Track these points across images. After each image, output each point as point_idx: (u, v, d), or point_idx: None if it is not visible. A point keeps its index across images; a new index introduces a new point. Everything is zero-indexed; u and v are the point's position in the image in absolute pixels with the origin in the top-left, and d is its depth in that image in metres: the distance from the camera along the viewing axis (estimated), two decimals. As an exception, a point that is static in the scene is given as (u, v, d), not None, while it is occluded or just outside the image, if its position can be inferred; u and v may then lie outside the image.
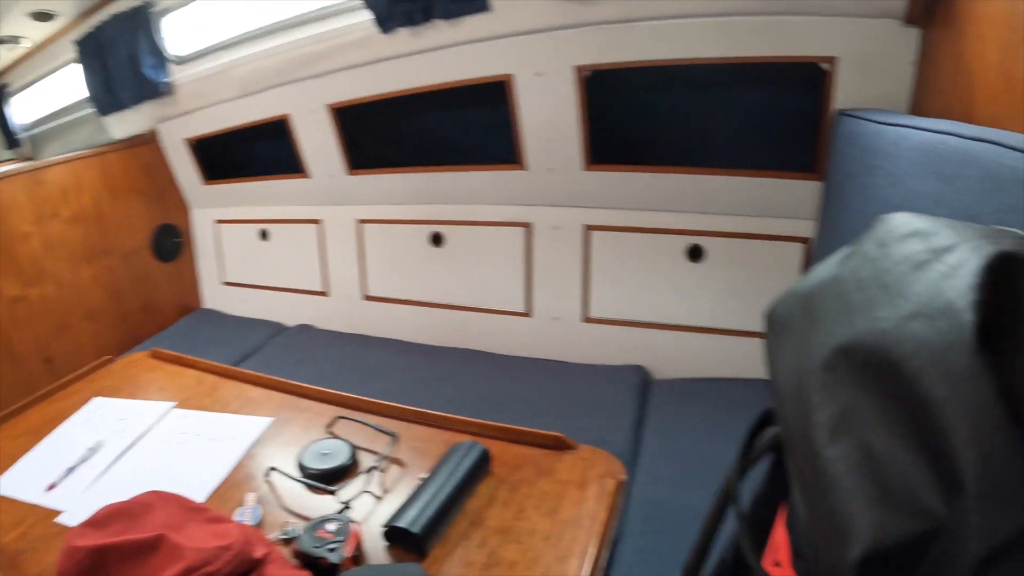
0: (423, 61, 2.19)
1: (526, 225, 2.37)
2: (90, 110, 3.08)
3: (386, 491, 1.03)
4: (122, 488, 0.98)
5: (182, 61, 2.73)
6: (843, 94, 1.76)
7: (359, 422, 1.17)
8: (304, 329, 2.89)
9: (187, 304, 3.38)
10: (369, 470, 1.05)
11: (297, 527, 0.91)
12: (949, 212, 0.92)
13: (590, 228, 2.26)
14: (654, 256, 2.18)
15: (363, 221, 2.72)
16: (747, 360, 1.95)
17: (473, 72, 2.14)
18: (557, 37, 1.95)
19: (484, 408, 1.90)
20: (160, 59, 2.72)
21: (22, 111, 3.78)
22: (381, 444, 1.12)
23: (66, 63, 3.10)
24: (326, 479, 1.03)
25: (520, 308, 2.43)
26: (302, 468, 1.06)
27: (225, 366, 1.49)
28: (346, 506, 0.97)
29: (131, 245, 3.08)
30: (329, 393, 1.29)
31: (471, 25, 2.00)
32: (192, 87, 2.74)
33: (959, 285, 0.38)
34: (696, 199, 2.09)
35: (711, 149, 2.11)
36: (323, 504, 0.99)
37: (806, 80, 1.81)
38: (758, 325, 1.72)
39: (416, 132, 2.59)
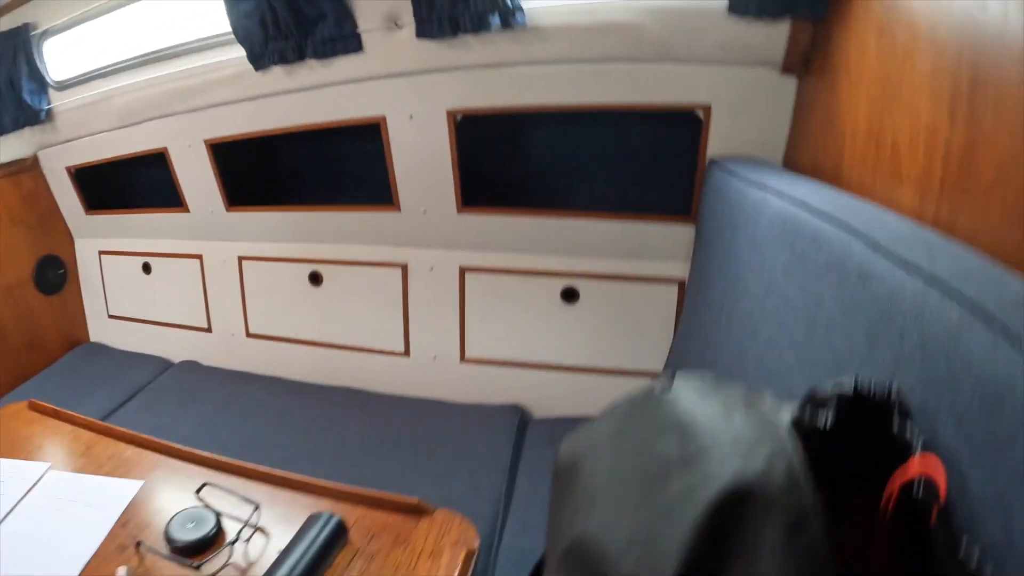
0: (297, 100, 2.18)
1: (402, 266, 2.37)
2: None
3: (249, 563, 1.01)
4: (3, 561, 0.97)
5: (63, 87, 2.64)
6: (717, 142, 1.80)
7: (224, 489, 1.15)
8: (189, 366, 2.79)
9: (75, 338, 3.21)
10: (232, 542, 1.03)
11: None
12: (799, 287, 0.95)
13: (465, 269, 2.28)
14: (529, 297, 2.21)
15: (243, 258, 2.66)
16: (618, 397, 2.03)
17: (347, 113, 2.15)
18: (429, 80, 1.99)
19: (363, 451, 1.97)
20: (41, 84, 2.64)
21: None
22: (247, 511, 1.10)
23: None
24: (192, 550, 1.01)
25: (399, 348, 2.43)
26: (168, 539, 1.03)
27: (99, 423, 1.46)
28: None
29: (12, 279, 2.89)
30: (198, 455, 1.28)
31: (344, 66, 2.02)
32: (72, 115, 2.65)
33: (678, 529, 0.39)
34: (570, 242, 2.13)
35: (587, 193, 2.19)
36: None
37: (684, 125, 1.88)
38: (633, 364, 2.09)
39: (294, 170, 2.59)
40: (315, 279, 2.54)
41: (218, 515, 1.08)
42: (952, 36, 0.96)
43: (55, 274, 3.12)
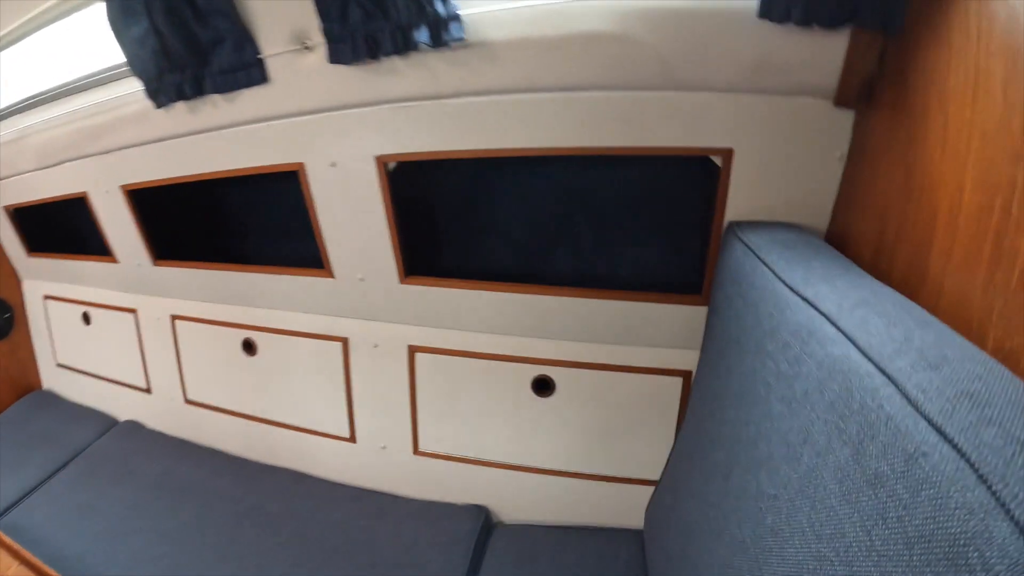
0: (207, 142, 1.82)
1: (342, 340, 1.99)
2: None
3: None
4: None
5: (-14, 122, 2.38)
6: (740, 199, 1.36)
7: None
8: (132, 427, 2.57)
9: (25, 383, 3.00)
10: None
11: None
12: (843, 490, 0.64)
13: (414, 348, 1.88)
14: (493, 386, 1.80)
15: (176, 317, 2.35)
16: (607, 507, 1.72)
17: (260, 158, 1.77)
18: (351, 118, 1.58)
19: (295, 555, 1.74)
20: (-37, 119, 2.39)
21: None
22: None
23: None
24: None
25: (343, 433, 2.05)
26: None
27: None
28: None
29: (-49, 324, 2.71)
30: None
31: (251, 101, 1.64)
32: (-2, 153, 2.40)
33: None
34: (542, 323, 1.70)
35: (567, 260, 1.74)
36: None
37: (697, 172, 1.41)
38: (621, 468, 1.70)
39: (221, 223, 2.24)
40: (248, 347, 2.19)
41: None
42: None
43: (1, 318, 2.89)
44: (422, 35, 1.32)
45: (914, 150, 0.99)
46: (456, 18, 1.31)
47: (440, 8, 1.29)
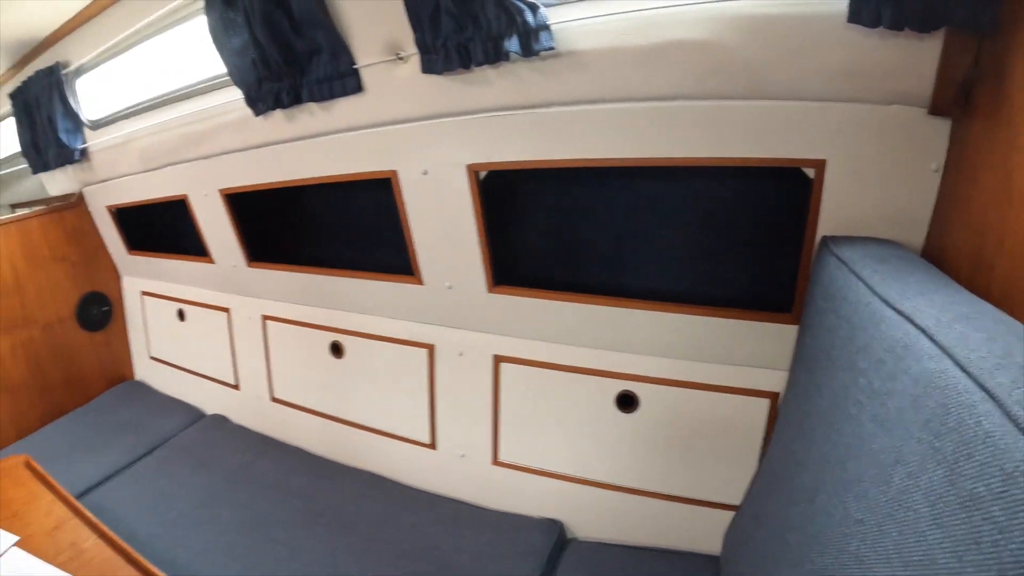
0: (303, 149, 1.94)
1: (428, 347, 2.07)
2: (31, 164, 3.05)
3: None
4: None
5: (96, 126, 2.61)
6: (833, 212, 1.34)
7: None
8: (217, 421, 2.74)
9: (119, 374, 3.27)
10: None
11: None
12: (936, 517, 0.62)
13: (499, 358, 1.93)
14: (576, 400, 1.83)
15: (267, 317, 2.51)
16: (684, 530, 1.69)
17: (354, 165, 1.87)
18: (443, 127, 1.65)
19: (367, 555, 1.79)
20: (76, 123, 2.62)
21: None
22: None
23: (7, 114, 3.09)
24: None
25: (424, 439, 2.13)
26: None
27: (75, 502, 1.54)
28: None
29: (54, 315, 2.98)
30: (149, 570, 1.30)
31: (346, 109, 1.74)
32: (104, 155, 2.62)
33: None
34: (630, 337, 1.72)
35: (654, 274, 1.75)
36: None
37: (788, 184, 1.40)
38: (702, 491, 1.69)
39: (312, 227, 2.37)
40: (336, 350, 2.32)
41: None
42: None
43: (99, 311, 3.16)
44: (512, 45, 1.37)
45: (1015, 158, 0.97)
46: (546, 28, 1.35)
47: (530, 18, 1.34)
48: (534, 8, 1.33)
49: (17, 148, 3.22)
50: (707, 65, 1.28)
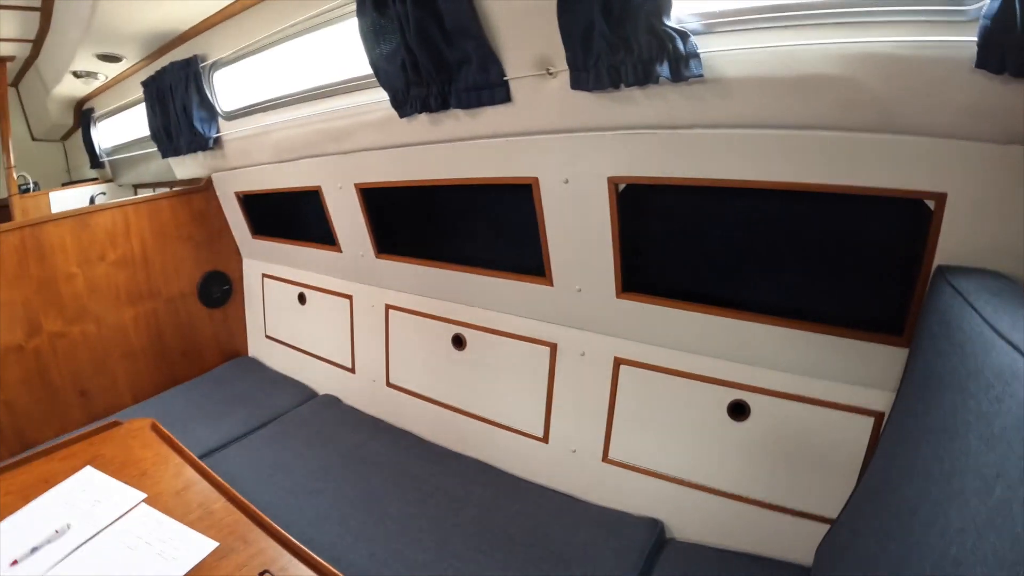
0: (444, 152, 2.10)
1: (551, 345, 2.22)
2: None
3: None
4: None
5: (230, 117, 2.85)
6: (951, 244, 1.42)
7: None
8: (330, 401, 2.97)
9: (233, 349, 3.58)
10: None
11: None
12: None
13: (620, 361, 2.07)
14: (690, 405, 1.95)
15: (390, 306, 2.72)
16: (779, 539, 1.79)
17: (495, 170, 2.03)
18: (587, 140, 1.78)
19: (472, 540, 1.92)
20: (211, 113, 2.87)
21: (106, 136, 4.21)
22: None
23: (138, 100, 3.38)
24: None
25: (538, 432, 2.29)
26: None
27: (203, 465, 1.62)
28: None
29: (176, 290, 3.28)
30: (279, 532, 1.37)
31: (492, 117, 1.89)
32: (237, 144, 2.87)
33: None
34: (746, 348, 1.83)
35: (774, 289, 1.84)
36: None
37: (909, 213, 1.49)
38: (800, 502, 1.78)
39: (443, 225, 2.53)
40: (458, 342, 2.50)
41: None
42: None
43: (220, 290, 3.46)
44: (663, 70, 1.48)
45: None
46: (696, 56, 1.46)
47: (680, 46, 1.44)
48: (684, 36, 1.44)
49: (143, 132, 3.53)
50: (841, 99, 1.38)
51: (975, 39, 1.14)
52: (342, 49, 2.21)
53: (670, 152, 1.68)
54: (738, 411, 1.87)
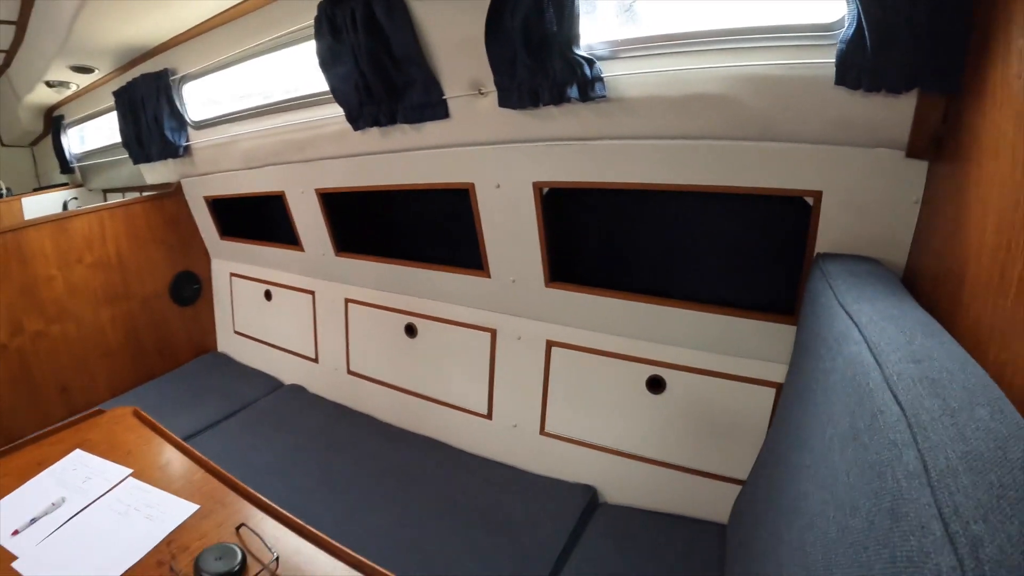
0: (393, 161, 2.39)
1: (491, 331, 2.51)
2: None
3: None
4: (67, 547, 1.33)
5: (199, 127, 3.10)
6: (829, 234, 1.68)
7: (258, 534, 1.36)
8: (296, 390, 3.23)
9: (203, 345, 3.82)
10: None
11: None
12: (846, 474, 0.83)
13: (551, 343, 2.35)
14: (613, 381, 2.23)
15: (350, 300, 3.00)
16: (698, 500, 2.03)
17: (437, 177, 2.32)
18: (515, 151, 2.07)
19: (426, 508, 2.16)
20: (181, 122, 3.12)
21: (75, 142, 4.43)
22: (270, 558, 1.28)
23: (108, 109, 3.61)
24: None
25: (482, 410, 2.57)
26: (196, 567, 1.25)
27: (184, 443, 1.76)
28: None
29: (150, 290, 3.52)
30: (253, 495, 1.51)
31: (434, 131, 2.18)
32: (206, 152, 3.13)
33: None
34: (660, 329, 2.10)
35: (685, 278, 2.14)
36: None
37: (797, 210, 1.74)
38: (715, 466, 2.03)
39: (396, 225, 2.85)
40: (411, 331, 2.78)
41: (244, 556, 1.27)
42: None
43: (190, 289, 3.70)
44: (573, 91, 1.78)
45: (960, 195, 1.21)
46: (600, 79, 1.76)
47: (587, 71, 1.74)
48: (591, 63, 1.73)
49: (114, 139, 3.75)
50: (725, 113, 1.66)
51: (834, 60, 1.36)
52: (304, 66, 2.48)
53: (584, 160, 1.98)
54: (655, 385, 2.15)
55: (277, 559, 1.27)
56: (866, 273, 1.42)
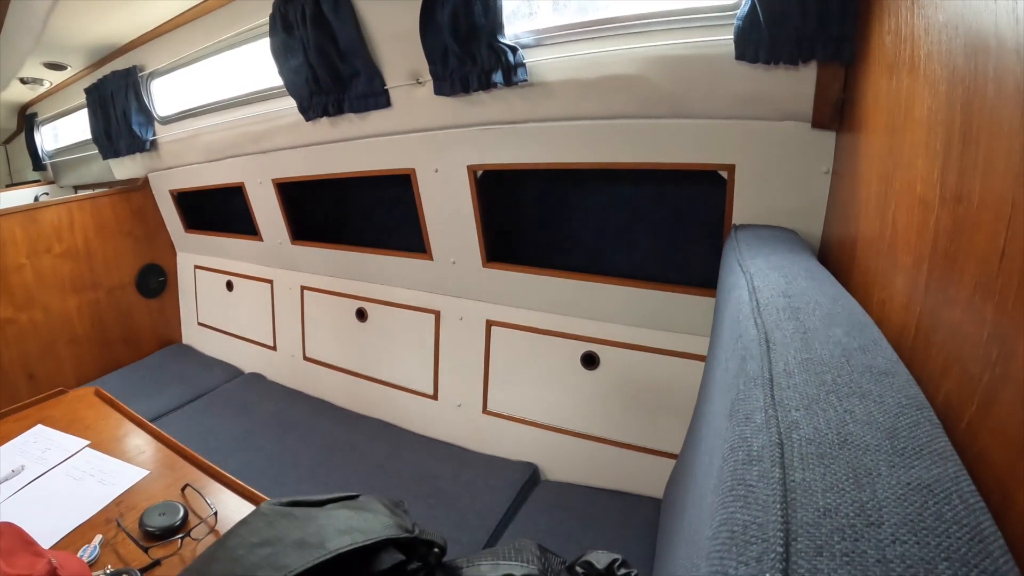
0: (341, 149, 2.55)
1: (435, 312, 2.65)
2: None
3: (193, 555, 1.24)
4: (23, 508, 1.41)
5: (165, 122, 3.27)
6: (746, 207, 1.74)
7: (201, 493, 1.45)
8: (255, 378, 3.36)
9: (168, 337, 3.95)
10: (183, 536, 1.29)
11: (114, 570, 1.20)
12: (722, 418, 0.80)
13: (491, 323, 2.49)
14: (550, 358, 2.33)
15: (305, 288, 3.15)
16: (636, 475, 2.09)
17: (382, 164, 2.47)
18: (450, 136, 2.23)
19: (368, 481, 2.26)
20: (148, 117, 3.28)
21: (48, 139, 4.58)
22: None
23: (80, 106, 3.76)
24: (158, 536, 1.29)
25: (428, 391, 2.70)
26: (141, 523, 1.31)
27: (140, 417, 1.86)
28: (156, 563, 1.22)
29: (117, 281, 3.66)
30: (200, 460, 1.61)
31: (378, 120, 2.34)
32: (171, 146, 3.29)
33: None
34: (592, 306, 2.19)
35: (617, 255, 2.27)
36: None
37: (714, 188, 1.81)
38: (651, 441, 2.11)
39: (347, 213, 3.02)
40: (361, 315, 2.93)
41: (186, 512, 1.34)
42: (946, 67, 0.82)
43: (156, 281, 3.85)
44: (498, 77, 1.94)
45: (856, 158, 1.26)
46: (522, 65, 1.92)
47: (511, 58, 1.91)
48: (514, 50, 1.90)
49: (84, 136, 3.91)
50: (638, 93, 1.76)
51: (732, 37, 1.46)
52: (259, 62, 2.65)
53: (513, 143, 2.13)
54: (590, 361, 2.25)
55: (215, 513, 1.37)
56: (773, 238, 1.47)
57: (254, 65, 2.74)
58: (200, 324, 3.84)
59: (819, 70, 1.46)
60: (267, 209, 3.09)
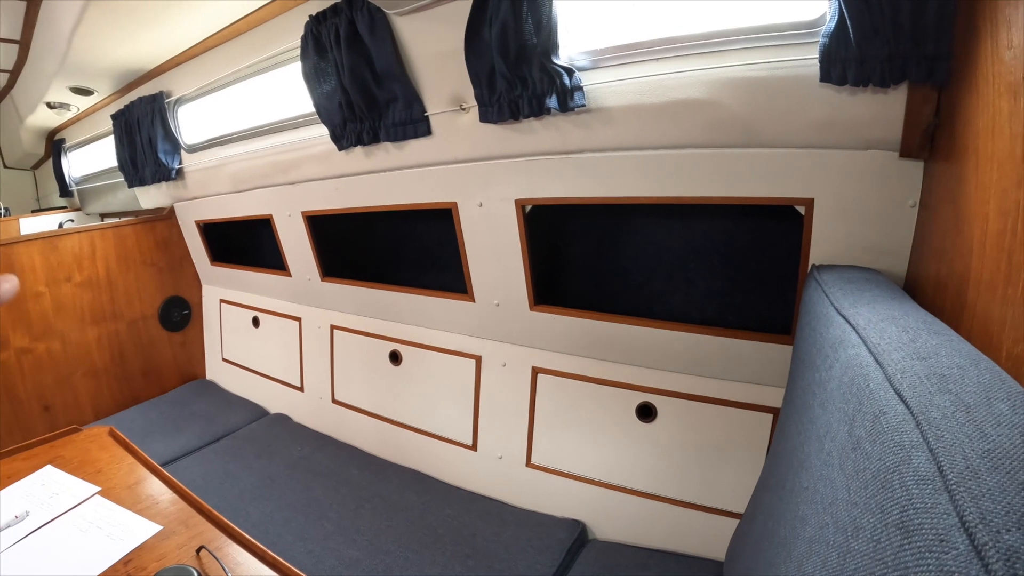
0: (377, 181, 2.40)
1: (476, 358, 2.48)
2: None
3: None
4: (24, 559, 1.33)
5: (192, 150, 3.17)
6: (824, 244, 1.61)
7: (218, 558, 1.35)
8: (280, 419, 3.22)
9: (191, 372, 3.83)
10: None
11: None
12: (846, 489, 0.74)
13: (537, 370, 2.32)
14: (601, 409, 2.18)
15: (335, 327, 3.00)
16: (694, 535, 1.95)
17: (421, 196, 2.32)
18: (496, 167, 2.07)
19: (403, 539, 2.12)
20: (174, 145, 3.18)
21: (76, 166, 4.53)
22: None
23: (107, 132, 3.69)
24: None
25: (467, 441, 2.53)
26: None
27: (154, 463, 1.76)
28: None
29: (139, 313, 3.55)
30: (218, 518, 1.52)
31: (417, 149, 2.19)
32: (197, 175, 3.18)
33: None
34: (650, 353, 2.05)
35: (676, 298, 2.10)
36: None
37: (786, 223, 1.70)
38: (711, 499, 1.93)
39: (380, 249, 2.86)
40: (395, 358, 2.77)
41: None
42: None
43: (179, 314, 3.73)
44: (552, 102, 1.78)
45: (958, 189, 1.14)
46: (580, 88, 1.76)
47: (567, 81, 1.74)
48: (570, 72, 1.74)
49: (111, 163, 3.83)
50: (708, 119, 1.63)
51: (816, 58, 1.33)
52: (290, 88, 2.53)
53: (567, 175, 1.96)
54: (646, 413, 2.09)
55: (235, 584, 1.25)
56: (863, 280, 1.36)
57: (284, 91, 2.62)
58: (224, 360, 3.71)
59: (910, 93, 1.32)
60: (296, 243, 2.96)
